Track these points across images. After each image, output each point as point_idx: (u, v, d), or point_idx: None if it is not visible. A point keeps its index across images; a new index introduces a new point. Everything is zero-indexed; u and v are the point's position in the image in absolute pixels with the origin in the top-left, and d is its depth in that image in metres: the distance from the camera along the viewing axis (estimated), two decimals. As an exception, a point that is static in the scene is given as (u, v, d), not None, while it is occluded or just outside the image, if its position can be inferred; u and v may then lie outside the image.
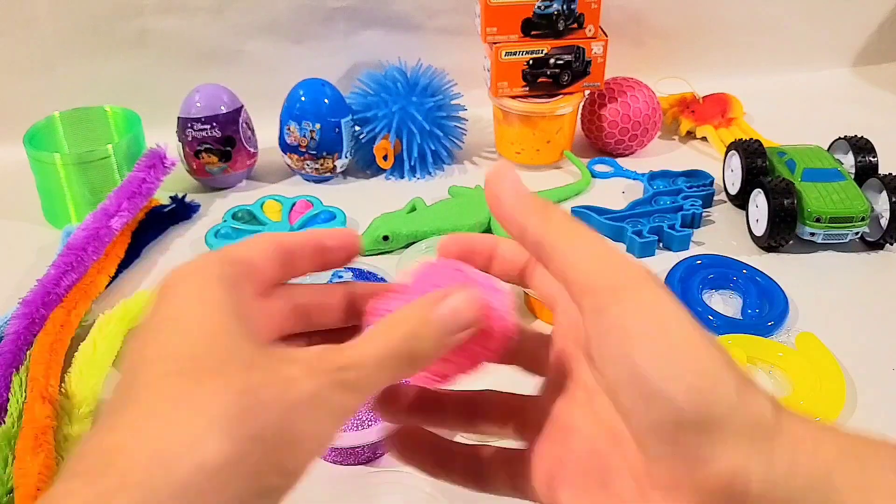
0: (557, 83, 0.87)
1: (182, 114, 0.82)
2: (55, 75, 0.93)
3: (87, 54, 0.92)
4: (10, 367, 0.57)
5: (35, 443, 0.51)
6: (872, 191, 0.75)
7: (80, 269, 0.67)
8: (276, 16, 0.95)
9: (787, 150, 0.80)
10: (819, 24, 1.09)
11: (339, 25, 0.97)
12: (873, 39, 1.12)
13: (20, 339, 0.60)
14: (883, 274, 0.73)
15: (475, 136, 0.94)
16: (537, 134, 0.88)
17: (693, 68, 1.03)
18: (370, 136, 0.86)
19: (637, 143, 0.91)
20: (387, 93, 0.85)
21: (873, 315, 0.67)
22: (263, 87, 0.89)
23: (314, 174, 0.86)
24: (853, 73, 1.13)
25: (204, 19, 0.94)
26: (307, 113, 0.83)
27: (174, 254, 0.77)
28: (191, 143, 0.82)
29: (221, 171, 0.84)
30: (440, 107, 0.86)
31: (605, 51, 0.86)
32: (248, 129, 0.85)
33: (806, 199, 0.73)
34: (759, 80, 1.06)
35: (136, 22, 0.92)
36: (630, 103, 0.89)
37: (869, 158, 0.79)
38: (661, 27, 1.04)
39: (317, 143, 0.83)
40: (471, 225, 0.77)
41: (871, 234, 0.75)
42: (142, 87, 0.94)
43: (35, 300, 0.63)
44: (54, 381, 0.57)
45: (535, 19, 0.84)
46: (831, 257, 0.74)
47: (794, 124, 0.96)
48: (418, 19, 0.98)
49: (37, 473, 0.49)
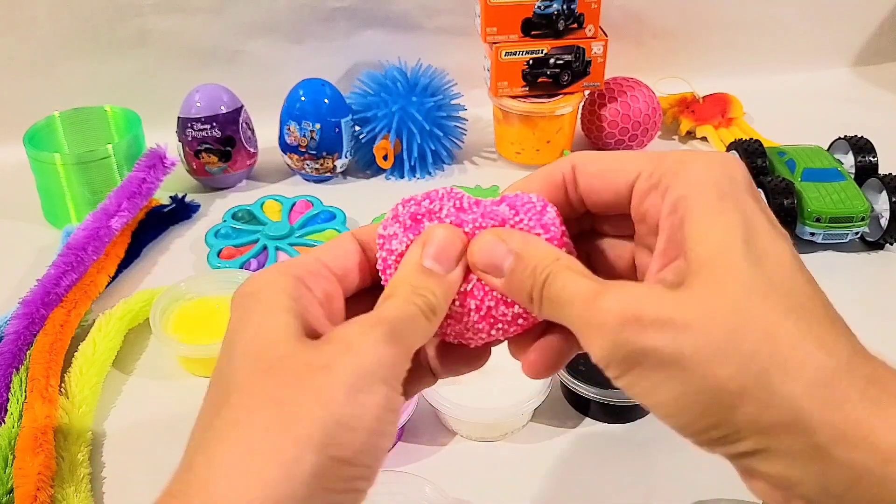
0: (557, 83, 0.87)
1: (182, 114, 0.82)
2: (55, 75, 0.93)
3: (87, 54, 0.92)
4: (10, 367, 0.57)
5: (35, 443, 0.51)
6: (872, 191, 0.75)
7: (80, 268, 0.67)
8: (276, 16, 0.95)
9: (787, 149, 0.80)
10: (819, 24, 1.09)
11: (339, 25, 0.97)
12: (873, 39, 1.12)
13: (20, 338, 0.60)
14: (883, 274, 0.73)
15: (475, 136, 0.94)
16: (537, 134, 0.88)
17: (693, 68, 1.03)
18: (370, 136, 0.86)
19: (637, 143, 0.91)
20: (387, 93, 0.85)
21: (873, 315, 0.67)
22: (263, 86, 0.89)
23: (314, 174, 0.86)
24: (853, 73, 1.12)
25: (204, 19, 0.94)
26: (307, 113, 0.83)
27: (174, 254, 0.77)
28: (191, 142, 0.82)
29: (221, 170, 0.84)
30: (440, 107, 0.86)
31: (605, 51, 0.86)
32: (248, 129, 0.85)
33: (806, 199, 0.73)
34: (759, 80, 1.06)
35: (136, 22, 0.92)
36: (630, 103, 0.89)
37: (869, 158, 0.79)
38: (661, 27, 1.04)
39: (317, 142, 0.83)
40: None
41: (871, 234, 0.75)
42: (142, 87, 0.94)
43: (35, 300, 0.63)
44: (54, 380, 0.57)
45: (535, 19, 0.84)
46: (831, 257, 0.74)
47: (794, 124, 0.96)
48: (418, 19, 0.98)
49: (36, 473, 0.49)
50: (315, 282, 0.29)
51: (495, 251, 0.30)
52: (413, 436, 0.56)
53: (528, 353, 0.31)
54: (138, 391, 0.61)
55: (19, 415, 0.54)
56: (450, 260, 0.30)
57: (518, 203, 0.31)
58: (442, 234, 0.30)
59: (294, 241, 0.75)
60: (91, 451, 0.55)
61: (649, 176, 0.29)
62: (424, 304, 0.29)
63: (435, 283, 0.29)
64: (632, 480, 0.53)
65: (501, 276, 0.30)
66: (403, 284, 0.29)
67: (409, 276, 0.29)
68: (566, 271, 0.28)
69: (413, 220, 0.31)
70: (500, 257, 0.29)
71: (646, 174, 0.29)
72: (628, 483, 0.53)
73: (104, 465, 0.54)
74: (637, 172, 0.29)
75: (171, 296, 0.64)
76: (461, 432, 0.56)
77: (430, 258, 0.30)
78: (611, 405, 0.56)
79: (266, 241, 0.75)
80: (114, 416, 0.59)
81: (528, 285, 0.29)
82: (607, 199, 0.31)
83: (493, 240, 0.30)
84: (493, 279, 0.30)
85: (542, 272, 0.28)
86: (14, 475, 0.49)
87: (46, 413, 0.54)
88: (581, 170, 0.31)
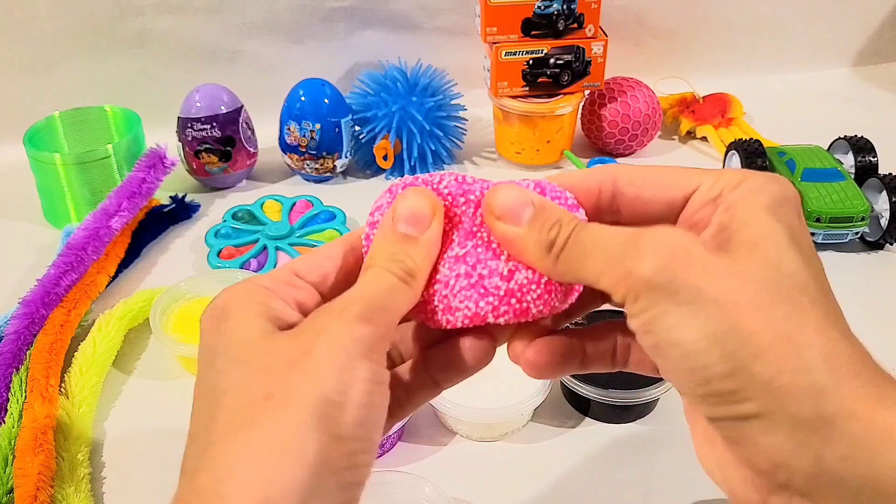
0: (557, 83, 0.87)
1: (182, 114, 0.82)
2: (55, 75, 0.93)
3: (87, 54, 0.92)
4: (10, 367, 0.57)
5: (35, 443, 0.51)
6: (872, 191, 0.75)
7: (80, 268, 0.67)
8: (275, 16, 0.95)
9: (787, 149, 0.80)
10: (819, 24, 1.09)
11: (339, 25, 0.97)
12: (873, 39, 1.12)
13: (20, 338, 0.60)
14: (883, 274, 0.73)
15: (475, 136, 0.94)
16: (537, 134, 0.88)
17: (693, 68, 1.03)
18: (370, 136, 0.86)
19: (637, 143, 0.91)
20: (387, 93, 0.85)
21: (873, 315, 0.67)
22: (263, 86, 0.89)
23: (314, 174, 0.86)
24: (853, 73, 1.12)
25: (204, 19, 0.94)
26: (307, 113, 0.83)
27: (174, 254, 0.77)
28: (191, 142, 0.82)
29: (221, 170, 0.84)
30: (440, 107, 0.86)
31: (605, 51, 0.86)
32: (248, 129, 0.85)
33: (806, 198, 0.73)
34: (759, 80, 1.06)
35: (136, 22, 0.92)
36: (630, 103, 0.89)
37: (869, 158, 0.79)
38: (661, 27, 1.04)
39: (317, 143, 0.83)
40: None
41: (871, 234, 0.75)
42: (142, 87, 0.94)
43: (35, 300, 0.63)
44: (54, 380, 0.57)
45: (535, 19, 0.84)
46: (831, 257, 0.74)
47: (794, 124, 0.96)
48: (418, 19, 0.98)
49: (37, 473, 0.49)
50: (286, 291, 0.29)
51: (517, 198, 0.29)
52: (413, 436, 0.56)
53: (526, 349, 0.31)
54: (138, 391, 0.61)
55: (19, 415, 0.54)
56: (423, 220, 0.30)
57: (548, 188, 0.31)
58: (412, 196, 0.30)
59: (294, 241, 0.75)
60: (91, 451, 0.55)
61: (709, 189, 0.29)
62: (402, 269, 0.29)
63: (412, 247, 0.29)
64: (632, 481, 0.53)
65: (519, 223, 0.29)
66: (380, 253, 0.29)
67: (384, 243, 0.30)
68: (592, 225, 0.29)
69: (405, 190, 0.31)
70: (521, 204, 0.29)
71: (706, 187, 0.30)
72: (628, 483, 0.53)
73: (104, 465, 0.54)
74: (696, 185, 0.30)
75: (171, 296, 0.64)
76: (461, 432, 0.56)
77: (402, 222, 0.30)
78: (611, 405, 0.56)
79: (266, 241, 0.75)
80: (114, 416, 0.59)
81: (550, 234, 0.29)
82: (655, 210, 0.31)
83: (514, 188, 0.30)
84: (506, 227, 0.29)
85: (570, 222, 0.29)
86: (14, 475, 0.49)
87: (46, 413, 0.54)
88: (627, 180, 0.31)
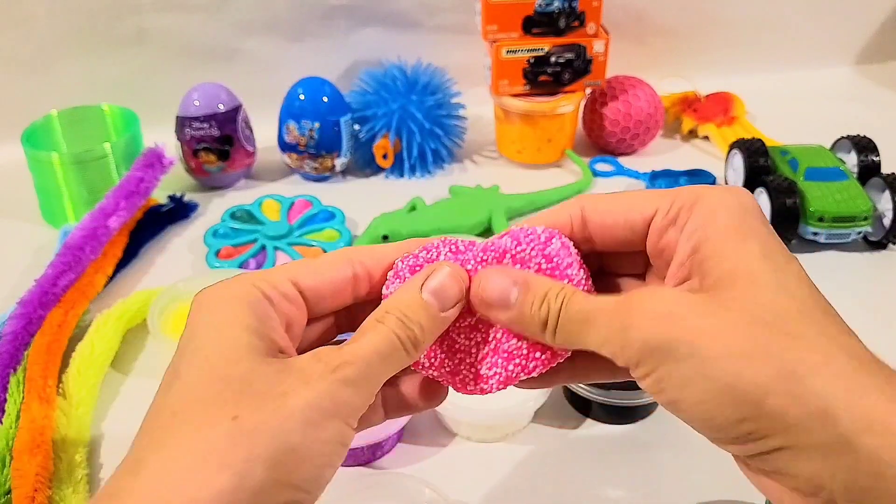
0: (559, 81, 0.86)
1: (180, 112, 0.82)
2: (53, 74, 0.92)
3: (84, 53, 0.92)
4: (8, 368, 0.57)
5: (32, 444, 0.51)
6: (875, 190, 0.75)
7: (78, 268, 0.66)
8: (274, 14, 0.94)
9: (790, 149, 0.80)
10: (822, 23, 1.08)
11: (338, 23, 0.96)
12: (877, 38, 1.12)
13: (17, 339, 0.59)
14: (886, 273, 0.72)
15: (476, 134, 0.94)
16: (538, 132, 0.88)
17: (695, 67, 1.02)
18: (370, 135, 0.86)
19: (639, 141, 0.91)
20: (386, 91, 0.85)
21: (876, 315, 0.66)
22: (262, 85, 0.89)
23: (313, 173, 0.86)
24: (856, 72, 1.12)
25: (202, 17, 0.93)
26: (306, 111, 0.82)
27: (172, 253, 0.76)
28: (189, 141, 0.82)
29: (220, 170, 0.84)
30: (440, 105, 0.86)
31: (606, 49, 0.86)
32: (247, 128, 0.85)
33: (809, 198, 0.72)
34: (761, 79, 1.06)
35: (133, 20, 0.92)
36: (632, 102, 0.89)
37: (872, 157, 0.78)
38: (663, 25, 1.04)
39: (316, 141, 0.83)
40: (471, 224, 0.76)
41: (873, 234, 0.74)
42: (140, 86, 0.94)
43: (32, 300, 0.62)
44: (52, 381, 0.57)
45: (537, 17, 0.84)
46: (834, 257, 0.74)
47: (797, 123, 0.96)
48: (418, 17, 0.97)
49: (34, 475, 0.49)
50: (282, 305, 0.29)
51: (500, 285, 0.30)
52: (412, 437, 0.56)
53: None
54: (136, 392, 0.61)
55: (17, 416, 0.54)
56: (448, 299, 0.30)
57: (521, 235, 0.31)
58: (448, 271, 0.30)
59: (293, 241, 0.75)
60: (89, 452, 0.54)
61: (666, 212, 0.30)
62: (408, 337, 0.29)
63: (425, 318, 0.29)
64: (633, 482, 0.53)
65: (509, 307, 0.30)
66: (395, 311, 0.29)
67: (402, 303, 0.30)
68: (579, 293, 0.29)
69: (412, 274, 0.31)
70: (505, 291, 0.30)
71: (663, 211, 0.30)
72: (629, 484, 0.52)
73: (102, 467, 0.54)
74: (654, 209, 0.30)
75: (169, 296, 0.64)
76: (461, 433, 0.56)
77: (429, 292, 0.30)
78: (612, 406, 0.55)
79: (265, 241, 0.74)
80: (112, 417, 0.58)
81: (541, 313, 0.29)
82: (621, 237, 0.31)
83: (496, 272, 0.30)
84: (500, 313, 0.30)
85: (558, 297, 0.29)
86: (12, 476, 0.49)
87: (44, 414, 0.53)
88: (592, 209, 0.31)
